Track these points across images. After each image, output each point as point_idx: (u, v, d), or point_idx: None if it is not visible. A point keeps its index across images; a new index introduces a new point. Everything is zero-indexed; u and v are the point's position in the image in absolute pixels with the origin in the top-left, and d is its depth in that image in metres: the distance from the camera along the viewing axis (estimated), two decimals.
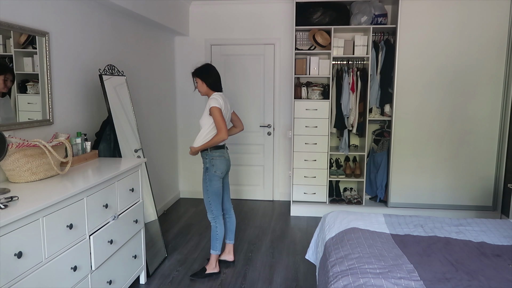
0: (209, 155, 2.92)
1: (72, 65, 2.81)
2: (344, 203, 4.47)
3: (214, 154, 2.93)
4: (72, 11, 2.79)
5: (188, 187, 5.17)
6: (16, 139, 2.05)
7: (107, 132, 2.99)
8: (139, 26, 3.90)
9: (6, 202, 1.71)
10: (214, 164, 2.92)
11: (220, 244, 3.05)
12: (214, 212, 3.00)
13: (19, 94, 2.36)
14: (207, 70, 2.96)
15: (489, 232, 2.45)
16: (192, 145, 2.97)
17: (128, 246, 2.61)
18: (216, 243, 3.04)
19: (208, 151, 2.93)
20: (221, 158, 2.95)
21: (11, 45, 2.25)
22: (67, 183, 2.13)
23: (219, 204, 3.02)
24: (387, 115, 4.29)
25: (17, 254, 1.60)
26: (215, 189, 2.95)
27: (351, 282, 1.82)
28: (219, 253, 3.09)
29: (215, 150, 2.93)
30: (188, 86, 5.00)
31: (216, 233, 3.03)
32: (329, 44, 4.27)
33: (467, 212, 4.17)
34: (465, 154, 4.11)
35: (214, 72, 2.97)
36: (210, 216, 3.02)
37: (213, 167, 2.92)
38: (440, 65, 4.00)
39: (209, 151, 2.92)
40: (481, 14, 3.88)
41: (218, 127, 2.82)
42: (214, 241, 3.04)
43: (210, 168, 2.92)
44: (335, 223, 2.61)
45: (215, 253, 3.05)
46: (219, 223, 3.03)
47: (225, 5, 4.77)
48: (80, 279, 2.05)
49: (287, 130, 4.87)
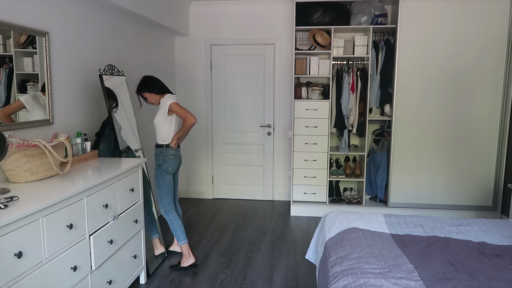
0: (164, 152, 3.08)
1: (72, 65, 2.81)
2: (344, 203, 4.47)
3: (169, 153, 3.09)
4: (72, 11, 2.79)
5: (188, 187, 5.17)
6: (16, 139, 2.05)
7: (107, 132, 2.99)
8: (139, 26, 3.90)
9: (6, 202, 1.71)
10: (167, 161, 3.08)
11: (182, 233, 3.16)
12: (166, 206, 3.14)
13: (19, 94, 2.36)
14: (149, 81, 3.10)
15: (489, 232, 2.45)
16: (158, 142, 3.11)
17: (128, 246, 2.61)
18: (179, 234, 3.15)
19: (163, 149, 3.07)
20: (174, 157, 3.12)
21: (11, 45, 2.25)
22: (67, 183, 2.13)
23: (171, 198, 3.17)
24: (387, 115, 4.29)
25: (17, 254, 1.60)
26: (166, 184, 3.11)
27: (351, 282, 1.82)
28: (187, 241, 3.18)
29: (169, 149, 3.08)
30: (188, 86, 5.01)
31: (173, 225, 3.16)
32: (329, 44, 4.27)
33: (467, 212, 4.17)
34: (465, 154, 4.11)
35: (155, 79, 3.12)
36: (162, 210, 3.15)
37: (165, 163, 3.08)
38: (440, 65, 4.00)
39: (165, 149, 3.07)
40: (481, 14, 3.88)
41: (184, 115, 2.95)
42: (176, 232, 3.15)
43: (163, 164, 3.08)
44: (335, 223, 2.61)
45: (183, 243, 3.15)
46: (173, 216, 3.16)
47: (225, 5, 4.77)
48: (80, 279, 2.05)
49: (287, 130, 4.87)
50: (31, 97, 2.43)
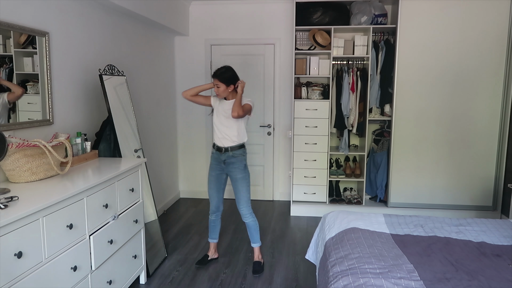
0: (245, 151, 3.06)
1: (72, 65, 2.81)
2: (344, 203, 4.47)
3: (246, 151, 3.08)
4: (72, 11, 2.79)
5: (188, 187, 5.17)
6: (16, 139, 2.05)
7: (107, 132, 2.99)
8: (139, 26, 3.90)
9: (6, 202, 1.71)
10: (246, 159, 3.08)
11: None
12: (250, 207, 3.12)
13: None
14: (235, 74, 2.98)
15: (489, 232, 2.45)
16: (239, 143, 3.01)
17: (128, 246, 2.61)
18: (258, 235, 3.18)
19: (244, 148, 3.05)
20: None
21: (11, 45, 2.25)
22: (67, 183, 2.13)
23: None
24: (387, 115, 4.29)
25: (17, 254, 1.60)
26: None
27: (351, 282, 1.82)
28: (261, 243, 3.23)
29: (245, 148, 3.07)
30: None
31: (257, 226, 3.16)
32: (329, 44, 4.26)
33: (467, 212, 4.17)
34: (465, 154, 4.11)
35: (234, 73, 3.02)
36: (248, 211, 3.10)
37: (246, 162, 3.07)
38: (440, 64, 4.00)
39: (245, 148, 3.06)
40: (481, 14, 3.88)
41: (248, 109, 2.96)
42: (257, 234, 3.16)
43: (246, 164, 3.07)
44: (335, 223, 2.61)
45: (260, 245, 3.21)
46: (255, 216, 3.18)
47: (225, 5, 4.77)
48: (80, 279, 2.05)
49: (287, 130, 4.87)
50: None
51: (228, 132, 2.98)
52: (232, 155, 3.01)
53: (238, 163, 3.02)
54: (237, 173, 3.03)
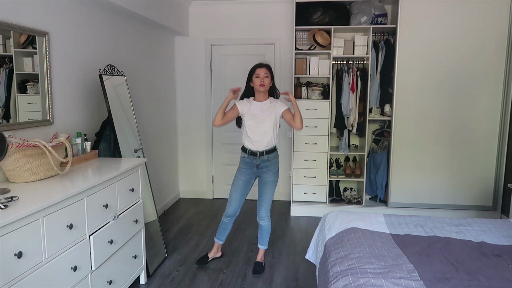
0: (278, 154, 3.11)
1: (72, 65, 2.81)
2: (344, 203, 4.47)
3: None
4: (72, 11, 2.79)
5: (188, 187, 5.17)
6: (16, 139, 2.05)
7: (107, 132, 2.99)
8: (139, 26, 3.90)
9: (6, 202, 1.71)
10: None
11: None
12: (269, 210, 3.20)
13: (19, 94, 2.36)
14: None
15: (489, 232, 2.45)
16: (273, 145, 3.07)
17: (128, 246, 2.61)
18: (268, 239, 3.24)
19: (277, 151, 3.09)
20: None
21: (11, 45, 2.25)
22: (67, 183, 2.13)
23: None
24: (387, 115, 4.29)
25: (17, 254, 1.60)
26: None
27: (351, 282, 1.82)
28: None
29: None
30: (188, 86, 5.00)
31: (270, 230, 3.23)
32: (329, 44, 4.26)
33: (467, 212, 4.17)
34: (465, 154, 4.11)
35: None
36: (267, 214, 3.19)
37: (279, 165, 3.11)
38: (440, 64, 4.00)
39: (277, 150, 3.10)
40: (481, 14, 3.88)
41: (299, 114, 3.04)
42: (268, 237, 3.22)
43: (279, 167, 3.13)
44: (335, 223, 2.61)
45: (267, 247, 3.25)
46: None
47: (225, 5, 4.77)
48: (80, 279, 2.05)
49: (287, 130, 4.87)
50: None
51: (264, 135, 3.00)
52: (267, 159, 3.04)
53: (272, 166, 3.07)
54: (269, 176, 3.08)
